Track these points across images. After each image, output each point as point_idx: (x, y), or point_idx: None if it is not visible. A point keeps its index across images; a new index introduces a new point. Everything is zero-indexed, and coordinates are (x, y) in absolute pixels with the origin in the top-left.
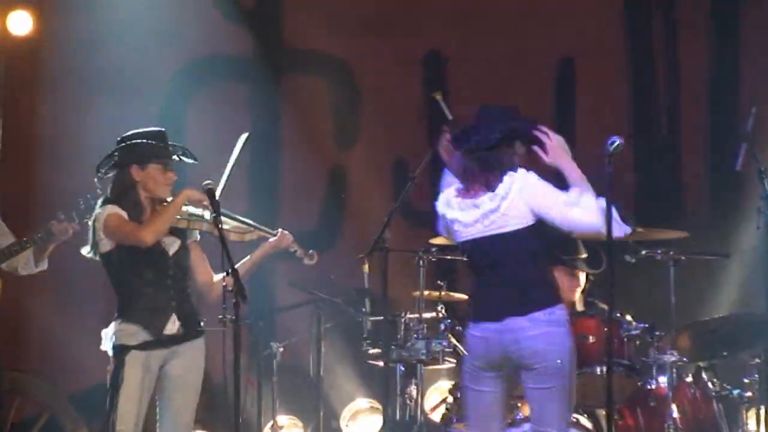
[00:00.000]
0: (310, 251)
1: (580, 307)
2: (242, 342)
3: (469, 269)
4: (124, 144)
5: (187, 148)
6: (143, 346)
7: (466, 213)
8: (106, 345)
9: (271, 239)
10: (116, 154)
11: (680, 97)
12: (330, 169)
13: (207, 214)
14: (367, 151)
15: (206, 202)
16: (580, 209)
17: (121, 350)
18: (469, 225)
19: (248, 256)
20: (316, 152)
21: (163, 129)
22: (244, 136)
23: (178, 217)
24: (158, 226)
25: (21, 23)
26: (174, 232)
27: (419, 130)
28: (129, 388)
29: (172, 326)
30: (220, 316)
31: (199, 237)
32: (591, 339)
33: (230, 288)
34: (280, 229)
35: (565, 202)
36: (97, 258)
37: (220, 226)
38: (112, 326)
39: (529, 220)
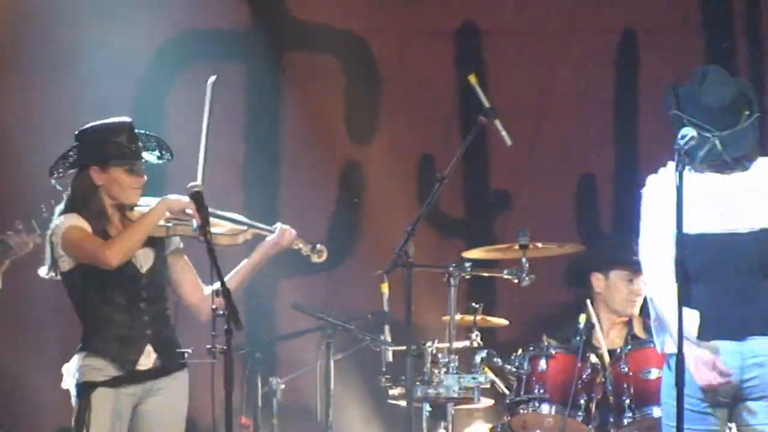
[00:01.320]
0: (318, 246)
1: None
2: (235, 377)
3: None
4: (81, 140)
5: (164, 141)
6: (112, 383)
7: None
8: (68, 383)
9: (270, 237)
10: (71, 153)
11: (765, 81)
12: (342, 168)
13: (194, 221)
14: (388, 145)
15: (192, 211)
16: None
17: (85, 388)
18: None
19: (244, 261)
20: (326, 147)
21: (130, 120)
22: (211, 80)
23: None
24: (127, 245)
25: None
26: (147, 241)
27: (450, 120)
28: None
29: (147, 360)
30: (208, 346)
31: (182, 244)
32: (655, 373)
33: (221, 311)
34: (278, 224)
35: None
36: (58, 278)
37: (209, 237)
38: (75, 360)
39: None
